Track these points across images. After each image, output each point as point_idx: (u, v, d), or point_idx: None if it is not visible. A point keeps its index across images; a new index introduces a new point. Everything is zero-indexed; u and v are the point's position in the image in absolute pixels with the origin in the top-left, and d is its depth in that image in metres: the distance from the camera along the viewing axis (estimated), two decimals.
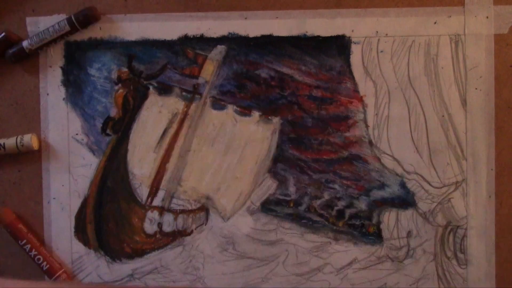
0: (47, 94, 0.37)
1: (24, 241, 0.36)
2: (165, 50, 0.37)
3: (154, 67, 0.37)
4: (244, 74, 0.37)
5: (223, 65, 0.37)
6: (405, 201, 0.37)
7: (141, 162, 0.37)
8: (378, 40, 0.37)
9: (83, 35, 0.37)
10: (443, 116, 0.37)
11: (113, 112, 0.37)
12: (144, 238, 0.38)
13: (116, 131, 0.37)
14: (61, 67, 0.37)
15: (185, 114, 0.37)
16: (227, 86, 0.37)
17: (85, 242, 0.38)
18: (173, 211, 0.37)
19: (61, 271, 0.37)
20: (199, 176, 0.37)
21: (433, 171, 0.37)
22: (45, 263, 0.36)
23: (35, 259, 0.37)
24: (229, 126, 0.37)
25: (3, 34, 0.36)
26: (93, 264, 0.38)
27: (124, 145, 0.37)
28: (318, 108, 0.37)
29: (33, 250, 0.36)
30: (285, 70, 0.37)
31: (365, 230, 0.37)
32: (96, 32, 0.37)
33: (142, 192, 0.37)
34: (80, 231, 0.38)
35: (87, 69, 0.37)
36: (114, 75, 0.37)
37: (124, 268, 0.38)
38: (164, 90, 0.37)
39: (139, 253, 0.38)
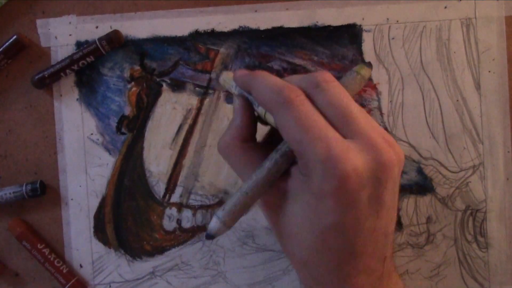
0: (61, 96, 0.37)
1: (34, 252, 0.36)
2: (176, 46, 0.37)
3: (166, 64, 0.37)
4: (257, 67, 0.37)
5: (235, 59, 0.37)
6: (423, 187, 0.37)
7: (157, 159, 0.37)
8: (389, 27, 0.37)
9: (93, 35, 0.37)
10: (457, 100, 0.37)
11: (127, 110, 0.37)
12: (163, 235, 0.38)
13: (131, 130, 0.37)
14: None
15: (199, 110, 0.37)
16: None
17: (105, 242, 0.38)
18: (191, 207, 0.37)
19: (71, 282, 0.36)
20: (216, 171, 0.37)
21: (449, 156, 0.37)
22: (56, 274, 0.36)
23: (47, 269, 0.37)
24: None
25: (14, 37, 0.36)
26: (114, 264, 0.38)
27: (139, 143, 0.37)
28: None
29: (45, 263, 0.36)
30: (298, 61, 0.37)
31: None
32: (106, 31, 0.37)
33: (160, 189, 0.37)
34: (99, 231, 0.38)
35: (99, 68, 0.37)
36: (126, 74, 0.37)
37: (145, 266, 0.38)
38: (177, 86, 0.37)
39: (159, 250, 0.38)
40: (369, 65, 0.29)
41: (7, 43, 0.36)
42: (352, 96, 0.27)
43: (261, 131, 0.32)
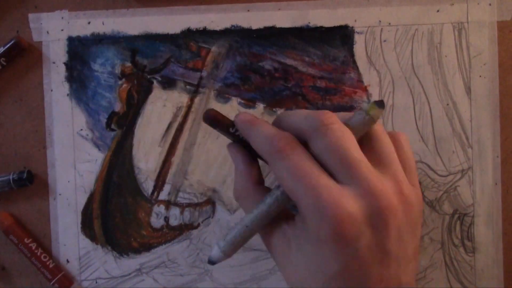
0: (51, 90, 0.37)
1: (21, 246, 0.36)
2: (168, 44, 0.37)
3: (158, 61, 0.37)
4: (248, 66, 0.37)
5: (226, 58, 0.37)
6: None
7: (146, 156, 0.37)
8: (381, 29, 0.37)
9: (85, 31, 0.37)
10: (447, 104, 0.37)
11: (118, 107, 0.37)
12: (151, 233, 0.38)
13: (121, 126, 0.37)
14: (64, 63, 0.37)
15: (190, 108, 0.37)
16: (231, 79, 0.37)
17: (92, 238, 0.38)
18: (179, 205, 0.37)
19: (56, 278, 0.36)
20: (205, 169, 0.37)
21: (438, 160, 0.37)
22: (42, 269, 0.36)
23: (33, 264, 0.36)
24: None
25: (13, 41, 0.36)
26: (100, 260, 0.38)
27: (129, 140, 0.37)
28: (322, 99, 0.37)
29: (31, 257, 0.36)
30: (289, 61, 0.37)
31: None
32: (99, 27, 0.37)
33: (148, 187, 0.37)
34: (87, 227, 0.38)
35: (91, 64, 0.37)
36: (117, 70, 0.37)
37: (132, 263, 0.38)
38: (168, 84, 0.37)
39: (146, 247, 0.38)
40: (381, 104, 0.27)
41: (5, 47, 0.36)
42: (357, 138, 0.26)
43: None
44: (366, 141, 0.27)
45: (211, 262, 0.28)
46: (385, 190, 0.24)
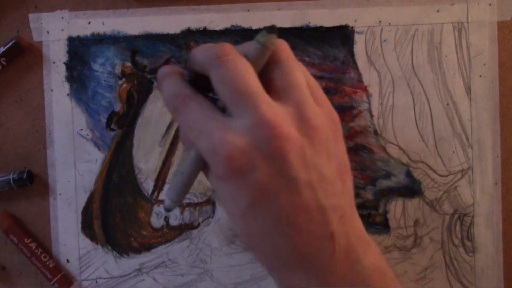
0: (51, 90, 0.37)
1: (21, 246, 0.36)
2: (168, 44, 0.37)
3: (158, 61, 0.37)
4: None
5: None
6: (411, 190, 0.37)
7: (146, 156, 0.37)
8: (381, 29, 0.37)
9: (86, 31, 0.37)
10: (447, 104, 0.37)
11: (118, 107, 0.37)
12: (151, 232, 0.38)
13: (121, 126, 0.37)
14: (64, 63, 0.37)
15: None
16: None
17: (92, 238, 0.38)
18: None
19: (57, 277, 0.36)
20: None
21: (438, 160, 0.37)
22: (42, 269, 0.36)
23: (33, 264, 0.36)
24: None
25: (13, 41, 0.36)
26: (100, 259, 0.38)
27: (129, 140, 0.37)
28: None
29: (31, 257, 0.36)
30: None
31: (372, 220, 0.37)
32: (99, 27, 0.37)
33: (148, 187, 0.37)
34: (87, 227, 0.38)
35: (91, 64, 0.37)
36: (117, 70, 0.37)
37: (132, 262, 0.38)
38: None
39: (146, 247, 0.38)
40: (271, 30, 0.25)
41: (5, 47, 0.36)
42: (258, 69, 0.25)
43: None
44: (271, 70, 0.26)
45: (167, 209, 0.28)
46: (274, 119, 0.23)
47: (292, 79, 0.26)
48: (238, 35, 0.37)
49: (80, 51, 0.37)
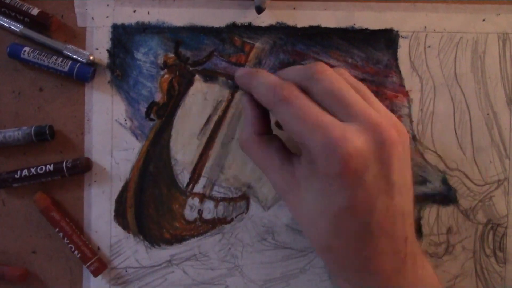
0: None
1: (57, 229, 0.36)
2: (212, 37, 0.37)
3: (201, 54, 0.37)
4: (291, 64, 0.37)
5: (270, 54, 0.37)
6: (446, 197, 0.37)
7: (184, 148, 0.37)
8: (426, 35, 0.37)
9: (130, 19, 0.37)
10: (488, 114, 0.37)
11: (158, 97, 0.37)
12: (184, 225, 0.38)
13: (160, 116, 0.37)
14: (107, 50, 0.37)
15: (230, 102, 0.37)
16: None
17: (125, 226, 0.38)
18: (214, 199, 0.37)
19: (93, 259, 0.36)
20: (241, 165, 0.37)
21: (475, 169, 0.37)
22: (76, 252, 0.36)
23: (68, 246, 0.36)
24: (273, 115, 0.37)
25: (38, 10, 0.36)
26: (131, 249, 0.38)
27: (167, 131, 0.37)
28: None
29: (65, 238, 0.36)
30: (332, 61, 0.37)
31: None
32: (144, 16, 0.37)
33: (184, 179, 0.37)
34: (120, 215, 0.38)
35: (134, 53, 0.37)
36: (160, 60, 0.37)
37: (163, 253, 0.38)
38: (210, 77, 0.37)
39: (178, 239, 0.38)
40: None
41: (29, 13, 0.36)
42: None
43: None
44: (351, 86, 0.29)
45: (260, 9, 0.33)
46: (384, 124, 0.26)
47: (371, 93, 0.30)
48: (283, 32, 0.37)
49: (123, 39, 0.37)
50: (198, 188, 0.37)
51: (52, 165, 0.36)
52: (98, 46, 0.37)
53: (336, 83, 0.27)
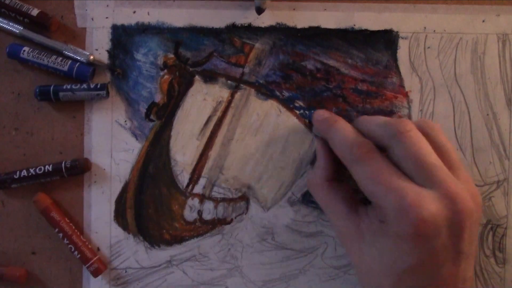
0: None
1: (57, 230, 0.36)
2: (212, 38, 0.37)
3: (201, 54, 0.37)
4: (290, 65, 0.37)
5: (269, 55, 0.37)
6: None
7: (183, 149, 0.37)
8: (426, 36, 0.37)
9: (130, 20, 0.37)
10: (487, 114, 0.37)
11: (158, 97, 0.37)
12: (183, 225, 0.38)
13: (160, 117, 0.37)
14: (107, 51, 0.37)
15: (230, 103, 0.37)
16: (273, 76, 0.37)
17: (124, 227, 0.38)
18: (213, 199, 0.37)
19: (93, 260, 0.36)
20: (241, 165, 0.37)
21: (475, 169, 0.37)
22: (76, 252, 0.36)
23: (68, 247, 0.36)
24: (273, 117, 0.37)
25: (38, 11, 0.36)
26: (131, 249, 0.38)
27: (167, 131, 0.37)
28: (363, 102, 0.37)
29: (65, 239, 0.36)
30: (332, 62, 0.37)
31: None
32: (144, 17, 0.37)
33: (184, 179, 0.37)
34: (119, 216, 0.37)
35: (133, 53, 0.37)
36: (160, 61, 0.37)
37: (163, 254, 0.38)
38: (210, 77, 0.37)
39: (178, 240, 0.38)
40: None
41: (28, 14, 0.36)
42: None
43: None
44: (436, 147, 0.28)
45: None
46: (462, 194, 0.26)
47: (457, 158, 0.29)
48: (283, 33, 0.37)
49: (123, 39, 0.37)
50: (198, 188, 0.37)
51: (51, 165, 0.36)
52: (98, 47, 0.37)
53: (418, 147, 0.27)
